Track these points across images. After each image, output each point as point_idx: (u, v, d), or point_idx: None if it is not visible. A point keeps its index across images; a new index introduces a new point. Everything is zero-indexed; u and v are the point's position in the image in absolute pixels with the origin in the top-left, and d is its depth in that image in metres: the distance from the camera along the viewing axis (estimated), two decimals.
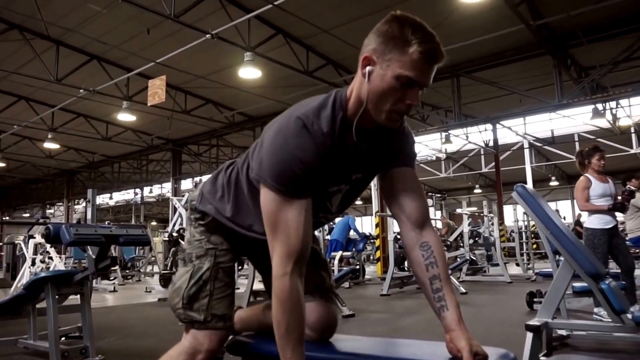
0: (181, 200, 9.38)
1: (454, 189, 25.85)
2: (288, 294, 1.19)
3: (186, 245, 1.52)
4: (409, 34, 1.14)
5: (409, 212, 1.36)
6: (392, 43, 1.16)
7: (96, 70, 10.28)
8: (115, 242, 2.93)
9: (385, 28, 1.18)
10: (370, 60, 1.19)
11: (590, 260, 2.49)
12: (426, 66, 1.17)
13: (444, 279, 1.29)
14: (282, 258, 1.20)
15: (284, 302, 1.19)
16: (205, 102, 12.67)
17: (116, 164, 19.88)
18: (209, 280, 1.43)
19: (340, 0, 7.90)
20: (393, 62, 1.15)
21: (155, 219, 30.40)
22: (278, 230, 1.21)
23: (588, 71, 10.27)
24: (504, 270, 8.57)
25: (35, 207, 27.25)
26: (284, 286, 1.19)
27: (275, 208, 1.22)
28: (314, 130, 1.20)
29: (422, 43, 1.14)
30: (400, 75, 1.15)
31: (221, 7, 7.85)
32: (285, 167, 1.19)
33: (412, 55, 1.14)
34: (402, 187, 1.37)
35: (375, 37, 1.19)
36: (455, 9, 7.49)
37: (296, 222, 1.21)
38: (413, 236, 1.35)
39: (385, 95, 1.18)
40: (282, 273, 1.19)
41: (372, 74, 1.19)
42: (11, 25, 8.88)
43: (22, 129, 13.56)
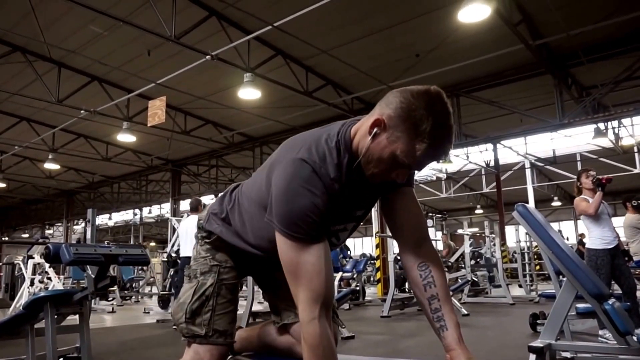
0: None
1: (455, 210, 25.78)
2: (319, 339, 1.17)
3: (192, 262, 1.56)
4: (426, 129, 1.14)
5: (408, 231, 1.37)
6: (407, 124, 1.15)
7: (97, 92, 10.34)
8: (115, 261, 2.94)
9: (411, 105, 1.16)
10: (381, 124, 1.19)
11: (593, 281, 2.44)
12: (425, 162, 1.20)
13: (442, 298, 1.28)
14: (308, 304, 1.19)
15: (316, 347, 1.17)
16: (205, 123, 12.71)
17: (116, 184, 19.90)
18: (211, 296, 1.46)
19: (339, 22, 7.96)
20: (399, 143, 1.17)
21: (154, 240, 30.31)
22: (300, 277, 1.20)
23: (589, 90, 10.29)
24: (507, 291, 8.46)
25: (34, 227, 27.22)
26: (314, 331, 1.17)
27: (294, 255, 1.21)
28: (323, 175, 1.20)
29: (432, 146, 1.15)
30: (398, 157, 1.17)
31: (221, 29, 7.91)
32: (300, 214, 1.18)
33: (417, 151, 1.16)
34: (401, 206, 1.38)
35: (397, 106, 1.18)
36: (456, 29, 7.54)
37: (317, 266, 1.20)
38: (411, 256, 1.35)
39: (377, 161, 1.20)
40: (310, 318, 1.18)
41: (377, 137, 1.20)
42: (14, 47, 8.97)
43: (22, 150, 13.60)
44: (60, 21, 8.05)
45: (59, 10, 7.65)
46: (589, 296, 2.42)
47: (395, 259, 7.59)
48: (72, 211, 21.97)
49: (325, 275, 1.20)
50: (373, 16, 7.56)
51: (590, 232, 4.34)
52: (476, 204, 24.25)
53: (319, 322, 1.17)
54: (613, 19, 7.13)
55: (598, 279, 2.64)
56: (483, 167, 17.07)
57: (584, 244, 9.35)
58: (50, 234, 25.36)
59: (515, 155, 16.12)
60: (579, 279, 2.41)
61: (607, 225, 4.27)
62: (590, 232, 4.34)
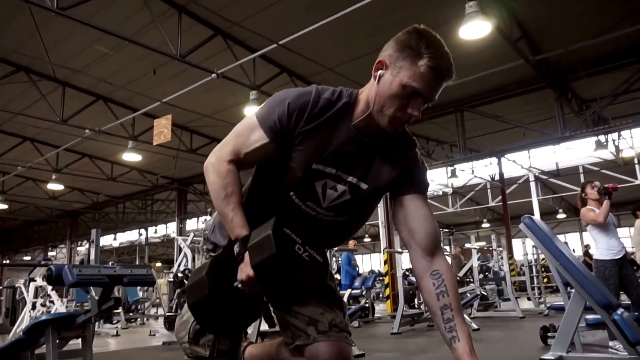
0: (186, 240, 9.31)
1: (462, 224, 25.68)
2: (227, 172, 1.31)
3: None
4: (422, 47, 1.19)
5: (420, 239, 1.34)
6: (405, 52, 1.20)
7: (102, 111, 10.40)
8: (119, 282, 2.83)
9: (404, 37, 1.23)
10: (383, 65, 1.24)
11: (601, 291, 2.43)
12: (433, 81, 1.21)
13: (455, 308, 1.26)
14: (228, 152, 1.33)
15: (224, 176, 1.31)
16: (211, 141, 12.75)
17: (121, 204, 19.85)
18: None
19: (343, 40, 8.04)
20: (403, 71, 1.20)
21: (160, 260, 30.17)
22: (237, 137, 1.35)
23: (589, 104, 10.35)
24: (516, 305, 8.38)
25: (36, 249, 27.04)
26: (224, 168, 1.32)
27: (246, 124, 1.35)
28: (316, 94, 1.29)
29: (433, 59, 1.18)
30: (406, 85, 1.19)
31: (227, 47, 7.99)
32: (271, 108, 1.31)
33: (421, 68, 1.18)
34: (414, 213, 1.36)
35: (393, 44, 1.25)
36: (457, 46, 7.59)
37: (253, 142, 1.32)
38: (424, 264, 1.33)
39: (389, 99, 1.22)
40: (224, 159, 1.33)
41: (382, 78, 1.23)
42: (18, 67, 9.02)
43: (26, 170, 13.59)
44: (65, 41, 8.14)
45: (64, 30, 7.73)
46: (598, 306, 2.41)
47: (404, 274, 7.53)
48: (75, 232, 21.90)
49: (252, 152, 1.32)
50: (376, 34, 7.64)
51: (597, 243, 4.32)
52: (482, 218, 24.15)
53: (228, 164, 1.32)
54: (610, 35, 7.22)
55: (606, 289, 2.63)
56: (488, 180, 17.05)
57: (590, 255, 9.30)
58: (53, 256, 25.25)
59: (520, 169, 16.10)
60: (587, 290, 2.41)
61: (614, 236, 4.26)
62: (597, 243, 4.32)
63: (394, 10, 7.14)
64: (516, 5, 7.08)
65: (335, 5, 6.26)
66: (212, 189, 1.31)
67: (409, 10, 7.24)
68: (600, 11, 7.42)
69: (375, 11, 6.85)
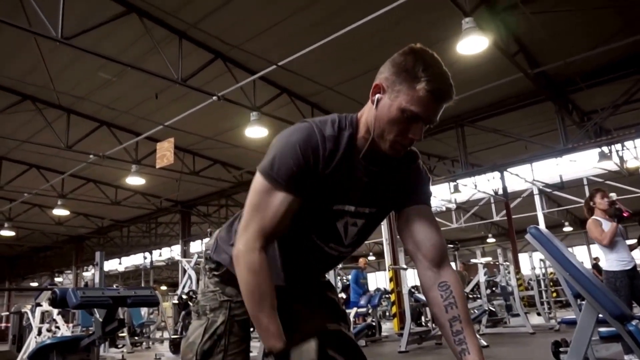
0: (190, 262, 9.29)
1: (467, 240, 25.54)
2: (259, 266, 1.20)
3: (200, 297, 1.48)
4: (420, 70, 1.16)
5: (426, 250, 1.32)
6: (403, 75, 1.18)
7: (106, 136, 10.49)
8: (123, 303, 2.85)
9: (401, 59, 1.21)
10: (380, 88, 1.21)
11: (613, 301, 2.39)
12: (432, 104, 1.18)
13: (464, 320, 1.23)
14: (254, 235, 1.21)
15: (257, 273, 1.20)
16: (213, 163, 12.81)
17: (125, 228, 19.89)
18: (223, 334, 1.40)
19: (342, 60, 8.11)
20: (401, 95, 1.17)
21: (165, 283, 30.03)
22: (257, 212, 1.23)
23: (590, 115, 10.36)
24: (525, 320, 8.27)
25: (43, 275, 27.05)
26: (256, 259, 1.20)
27: (261, 191, 1.24)
28: (318, 132, 1.22)
29: (431, 82, 1.16)
30: (405, 109, 1.16)
31: (227, 70, 8.08)
32: (282, 158, 1.21)
33: (419, 92, 1.15)
34: (419, 224, 1.34)
35: (389, 66, 1.22)
36: (455, 61, 7.66)
37: (277, 209, 1.22)
38: (431, 276, 1.30)
39: (389, 125, 1.19)
40: (252, 247, 1.21)
41: (380, 102, 1.21)
42: (24, 96, 9.16)
43: (32, 197, 13.67)
44: (69, 69, 8.25)
45: (68, 58, 7.85)
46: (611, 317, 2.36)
47: (410, 291, 7.48)
48: (81, 257, 21.90)
49: (279, 220, 1.22)
50: (373, 54, 7.71)
51: (606, 255, 4.27)
52: (487, 233, 24.03)
53: (260, 252, 1.20)
54: (608, 46, 7.25)
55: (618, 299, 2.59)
56: (492, 195, 17.00)
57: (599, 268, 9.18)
58: (59, 282, 25.19)
59: (523, 182, 16.06)
60: (598, 300, 2.36)
61: (622, 247, 4.21)
62: (605, 255, 4.28)
63: (390, 28, 7.21)
64: (513, 20, 7.15)
65: (333, 26, 6.34)
66: (244, 288, 1.22)
67: (405, 28, 7.31)
68: (597, 23, 7.48)
69: (372, 30, 6.93)
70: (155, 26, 7.10)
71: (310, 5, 6.82)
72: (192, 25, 7.22)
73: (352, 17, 6.06)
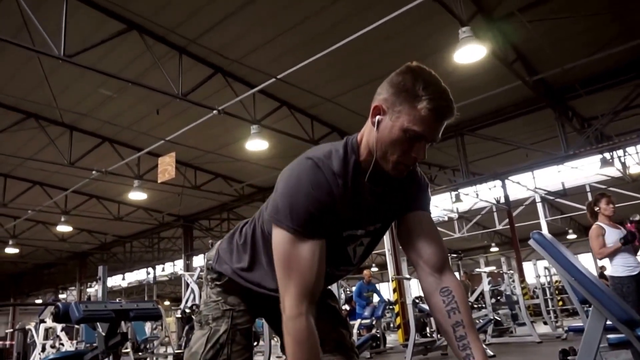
0: (193, 276, 9.26)
1: (470, 249, 25.44)
2: (306, 335, 1.16)
3: (203, 307, 1.49)
4: (420, 89, 1.16)
5: (427, 256, 1.32)
6: (403, 95, 1.17)
7: (108, 152, 10.54)
8: (126, 317, 2.85)
9: (399, 80, 1.20)
10: (380, 110, 1.20)
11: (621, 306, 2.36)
12: (435, 122, 1.18)
13: (467, 325, 1.23)
14: (297, 298, 1.17)
15: (303, 342, 1.16)
16: (214, 177, 12.84)
17: (128, 243, 19.89)
18: (226, 343, 1.40)
19: (340, 71, 8.17)
20: (402, 115, 1.17)
21: (168, 299, 29.94)
22: (291, 271, 1.18)
23: (590, 121, 10.36)
24: (532, 329, 8.19)
25: (47, 292, 26.99)
26: (302, 326, 1.16)
27: (288, 248, 1.19)
28: (326, 170, 1.20)
29: (432, 100, 1.15)
30: (407, 129, 1.16)
31: (226, 85, 8.13)
32: (299, 206, 1.17)
33: (421, 111, 1.15)
34: (419, 231, 1.34)
35: (388, 87, 1.21)
36: (453, 70, 7.71)
37: (310, 261, 1.18)
38: (432, 281, 1.30)
39: (392, 146, 1.19)
40: (297, 313, 1.16)
41: (381, 124, 1.20)
42: (28, 114, 9.24)
43: (35, 214, 13.69)
44: (72, 87, 8.32)
45: (71, 76, 7.93)
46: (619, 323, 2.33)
47: (414, 302, 7.42)
48: (85, 273, 21.87)
49: (317, 273, 1.18)
50: (372, 65, 7.78)
51: (612, 261, 4.23)
52: (491, 242, 23.93)
53: (306, 318, 1.16)
54: (605, 52, 7.28)
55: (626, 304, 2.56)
56: (494, 204, 16.95)
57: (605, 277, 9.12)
58: (63, 299, 25.14)
59: (525, 190, 16.02)
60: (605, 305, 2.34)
61: (629, 252, 4.17)
62: (611, 260, 4.24)
63: (388, 39, 7.27)
64: (510, 28, 7.19)
65: (331, 39, 6.40)
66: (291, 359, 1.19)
67: (403, 39, 7.36)
68: (595, 30, 7.51)
69: (370, 42, 6.99)
70: (155, 43, 7.18)
71: (308, 19, 6.89)
72: (192, 41, 7.29)
73: (350, 29, 6.12)
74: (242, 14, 6.72)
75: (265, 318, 1.71)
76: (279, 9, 6.70)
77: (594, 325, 2.44)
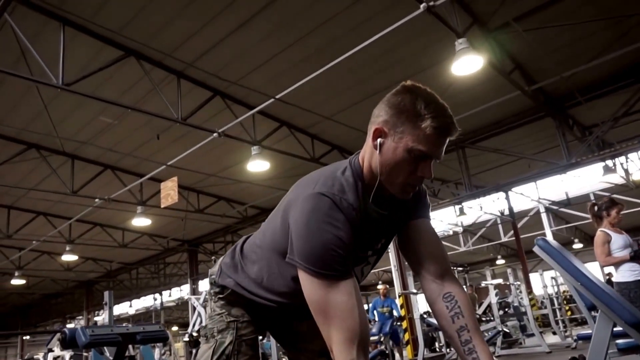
0: (199, 299, 9.21)
1: (476, 262, 25.24)
2: None
3: (207, 321, 1.49)
4: (421, 108, 1.15)
5: (428, 263, 1.32)
6: (404, 116, 1.16)
7: (110, 179, 10.57)
8: (132, 340, 2.84)
9: (397, 100, 1.19)
10: (381, 132, 1.19)
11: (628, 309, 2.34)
12: (439, 140, 1.18)
13: (472, 329, 1.22)
14: (345, 345, 1.10)
15: None
16: (217, 200, 12.84)
17: (134, 270, 19.82)
18: (232, 354, 1.39)
19: (338, 89, 8.21)
20: (405, 136, 1.16)
21: (176, 324, 29.75)
22: (332, 317, 1.12)
23: (591, 129, 10.36)
24: (541, 339, 8.09)
25: (55, 322, 26.88)
26: None
27: (323, 294, 1.13)
28: (344, 207, 1.17)
29: (436, 118, 1.15)
30: (412, 149, 1.15)
31: (226, 107, 8.19)
32: (325, 250, 1.12)
33: (426, 130, 1.15)
34: (419, 238, 1.35)
35: (386, 109, 1.20)
36: (451, 83, 7.74)
37: (349, 303, 1.12)
38: (435, 288, 1.30)
39: (397, 167, 1.18)
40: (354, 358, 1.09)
41: (383, 146, 1.19)
42: (29, 145, 9.29)
43: (40, 244, 13.70)
44: (72, 115, 8.39)
45: (70, 105, 7.99)
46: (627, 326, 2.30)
47: (421, 317, 7.36)
48: (91, 302, 21.76)
49: (358, 313, 1.12)
50: (369, 81, 7.83)
51: (617, 267, 4.19)
52: (496, 254, 23.77)
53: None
54: (603, 58, 7.30)
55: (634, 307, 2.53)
56: (498, 216, 16.88)
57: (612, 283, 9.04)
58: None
59: (529, 201, 15.96)
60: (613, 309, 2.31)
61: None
62: (617, 267, 4.19)
63: (385, 55, 7.32)
64: (506, 38, 7.24)
65: (328, 57, 6.45)
66: None
67: (400, 53, 7.41)
68: (591, 36, 7.53)
69: (366, 58, 7.05)
70: (153, 68, 7.24)
71: (304, 38, 6.95)
72: (189, 64, 7.36)
73: (346, 46, 6.16)
74: (238, 36, 6.80)
75: (271, 331, 1.69)
76: (274, 29, 6.77)
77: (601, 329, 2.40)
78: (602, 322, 2.41)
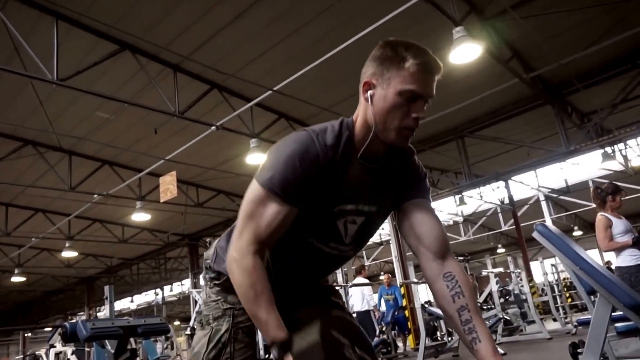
0: (200, 292, 9.23)
1: (477, 252, 25.28)
2: (253, 268, 1.18)
3: (203, 307, 1.48)
4: (402, 51, 1.19)
5: (428, 243, 1.31)
6: (388, 62, 1.20)
7: (108, 175, 10.55)
8: (134, 333, 2.85)
9: (380, 52, 1.23)
10: (370, 85, 1.23)
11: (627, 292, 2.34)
12: (425, 77, 1.20)
13: (472, 309, 1.22)
14: (248, 241, 1.20)
15: (251, 273, 1.18)
16: (217, 193, 12.83)
17: (134, 265, 19.83)
18: (228, 342, 1.39)
19: (336, 80, 8.17)
20: (393, 80, 1.19)
21: (178, 318, 29.84)
22: (251, 219, 1.22)
23: (589, 116, 10.35)
24: (541, 326, 8.13)
25: (57, 319, 26.93)
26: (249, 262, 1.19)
27: (256, 200, 1.22)
28: (319, 142, 1.21)
29: (417, 56, 1.19)
30: (402, 90, 1.18)
31: (223, 100, 8.15)
32: (279, 170, 1.19)
33: (410, 68, 1.18)
34: (419, 218, 1.33)
35: (371, 62, 1.24)
36: (450, 72, 7.65)
37: (272, 219, 1.20)
38: (435, 267, 1.29)
39: (391, 113, 1.20)
40: (246, 252, 1.19)
41: (374, 97, 1.22)
42: (25, 141, 9.26)
43: (40, 241, 13.68)
44: (68, 111, 8.35)
45: (66, 101, 7.96)
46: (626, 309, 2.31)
47: (423, 306, 7.37)
48: (92, 298, 21.77)
49: (274, 230, 1.21)
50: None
51: (618, 252, 4.19)
52: (497, 243, 23.83)
53: (253, 256, 1.19)
54: (600, 45, 7.26)
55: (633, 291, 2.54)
56: (498, 205, 16.88)
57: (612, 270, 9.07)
58: None
59: (529, 190, 15.97)
60: (612, 292, 2.32)
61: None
62: (617, 252, 4.19)
63: None
64: (504, 26, 7.20)
65: (325, 47, 6.42)
66: (239, 291, 1.20)
67: None
68: (588, 22, 7.49)
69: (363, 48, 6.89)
70: (149, 61, 7.21)
71: (301, 29, 6.92)
72: (186, 58, 7.32)
73: (342, 36, 6.12)
74: (234, 28, 6.76)
75: None
76: (270, 21, 6.73)
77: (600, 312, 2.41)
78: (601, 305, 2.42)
